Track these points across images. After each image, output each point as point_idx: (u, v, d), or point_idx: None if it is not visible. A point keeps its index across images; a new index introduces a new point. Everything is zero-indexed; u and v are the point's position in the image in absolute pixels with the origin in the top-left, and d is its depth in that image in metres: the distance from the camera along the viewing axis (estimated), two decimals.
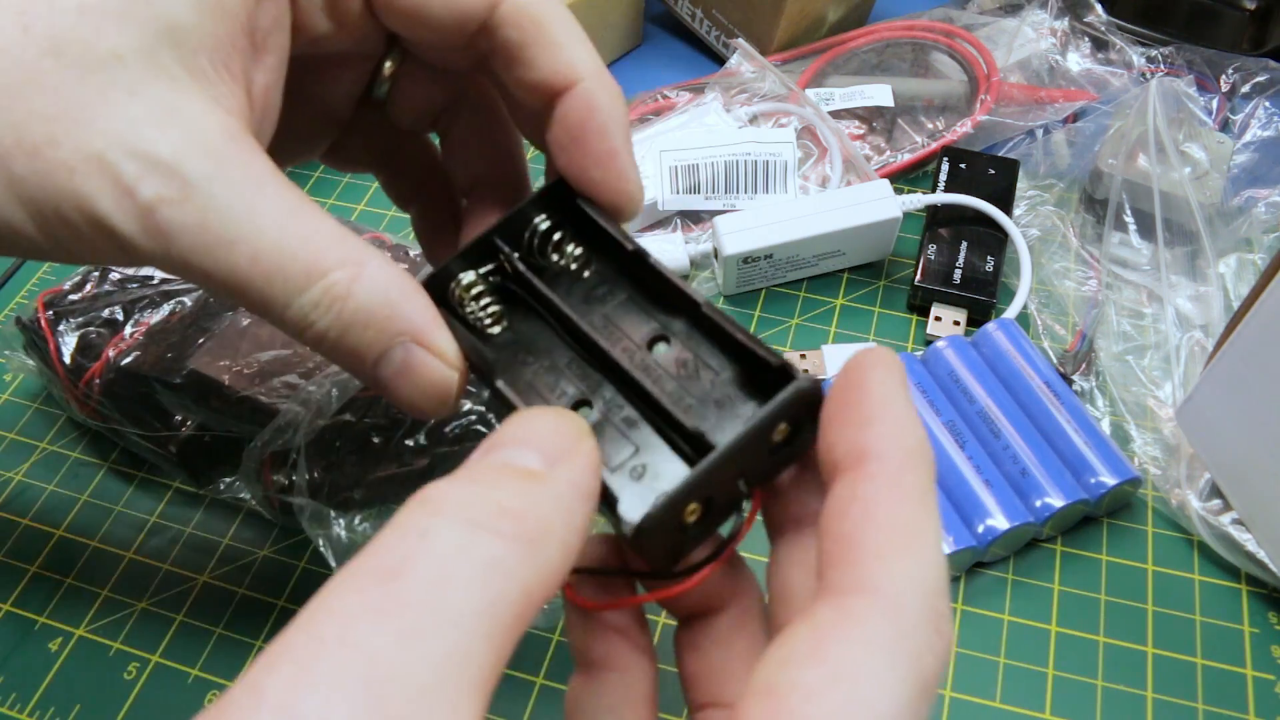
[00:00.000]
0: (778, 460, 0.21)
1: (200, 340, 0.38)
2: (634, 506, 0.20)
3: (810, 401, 0.20)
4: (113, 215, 0.19)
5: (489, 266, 0.24)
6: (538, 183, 0.26)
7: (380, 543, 0.15)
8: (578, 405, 0.23)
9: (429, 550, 0.15)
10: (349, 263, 0.21)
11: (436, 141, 0.29)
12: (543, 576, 0.16)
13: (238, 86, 0.21)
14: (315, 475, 0.36)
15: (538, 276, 0.24)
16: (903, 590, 0.16)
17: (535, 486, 0.17)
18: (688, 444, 0.22)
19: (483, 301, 0.25)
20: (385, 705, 0.13)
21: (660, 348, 0.24)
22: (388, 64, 0.26)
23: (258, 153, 0.21)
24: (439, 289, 0.24)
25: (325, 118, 0.28)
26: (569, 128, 0.23)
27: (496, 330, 0.25)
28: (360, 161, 0.30)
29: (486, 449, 0.18)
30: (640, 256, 0.24)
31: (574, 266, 0.25)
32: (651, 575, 0.22)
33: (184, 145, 0.20)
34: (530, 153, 0.30)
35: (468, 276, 0.24)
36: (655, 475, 0.22)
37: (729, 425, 0.22)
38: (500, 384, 0.23)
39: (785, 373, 0.21)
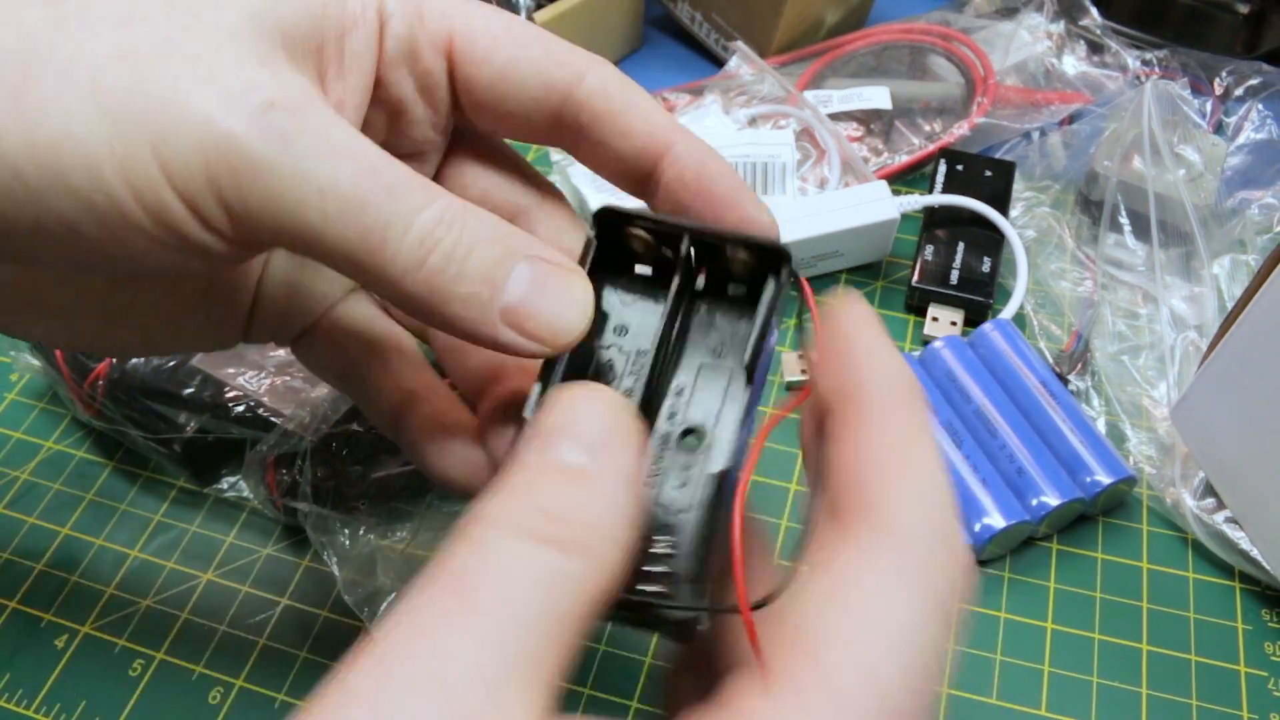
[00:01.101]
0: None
1: None
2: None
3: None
4: (221, 118, 0.19)
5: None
6: None
7: (450, 554, 0.16)
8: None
9: (494, 562, 0.16)
10: (453, 196, 0.21)
11: None
12: (599, 575, 0.17)
13: (318, 83, 0.22)
14: (319, 474, 0.36)
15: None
16: (909, 517, 0.17)
17: (583, 488, 0.17)
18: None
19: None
20: (461, 701, 0.15)
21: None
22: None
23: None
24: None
25: None
26: (688, 183, 0.24)
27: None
28: None
29: (531, 442, 0.18)
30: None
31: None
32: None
33: (283, 81, 0.20)
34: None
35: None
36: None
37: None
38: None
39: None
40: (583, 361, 0.23)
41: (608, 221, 0.23)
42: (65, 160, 0.18)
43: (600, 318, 0.24)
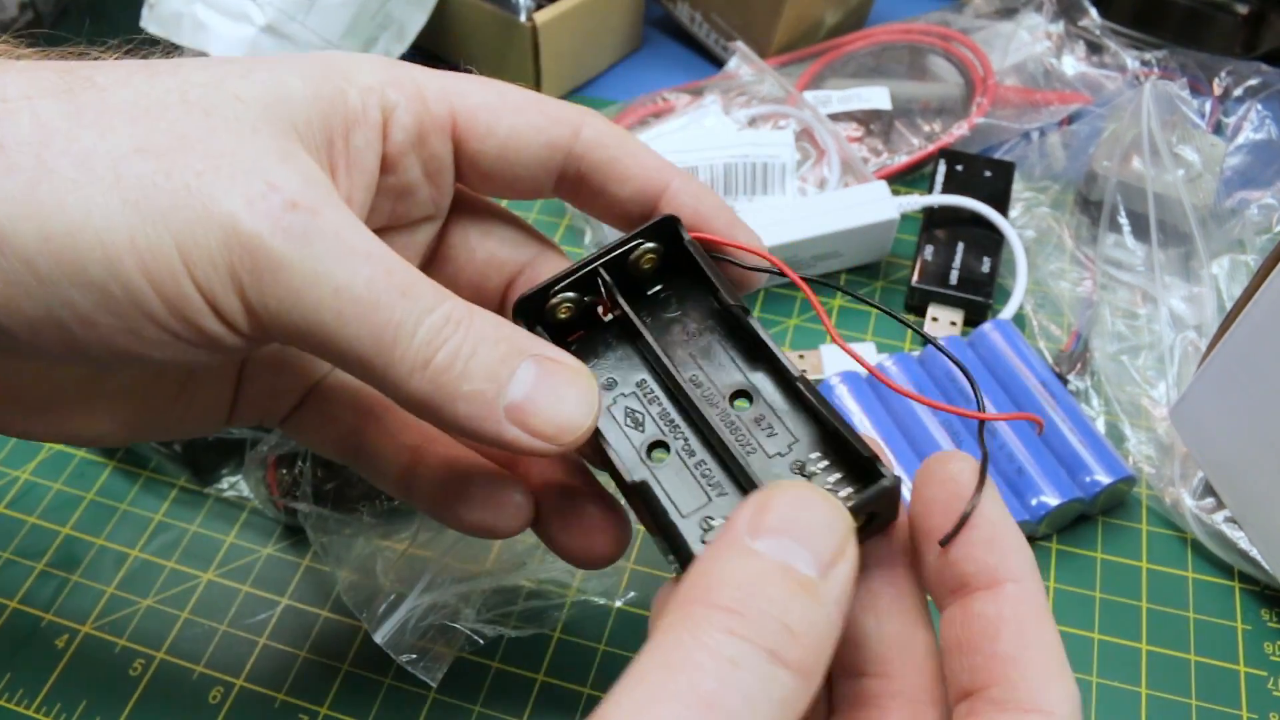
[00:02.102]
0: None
1: None
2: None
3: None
4: (246, 217, 0.19)
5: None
6: None
7: (690, 659, 0.16)
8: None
9: (739, 683, 0.16)
10: (458, 298, 0.21)
11: None
12: (809, 701, 0.17)
13: (330, 178, 0.22)
14: (319, 475, 0.37)
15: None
16: (1069, 710, 0.18)
17: (812, 605, 0.17)
18: None
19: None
20: None
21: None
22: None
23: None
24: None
25: None
26: (686, 219, 0.25)
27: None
28: None
29: (750, 529, 0.18)
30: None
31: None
32: None
33: (305, 179, 0.20)
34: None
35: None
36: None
37: None
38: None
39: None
40: (606, 422, 0.24)
41: (531, 308, 0.24)
42: (82, 251, 0.19)
43: (605, 375, 0.25)
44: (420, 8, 0.53)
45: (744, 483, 0.22)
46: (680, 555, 0.22)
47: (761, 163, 0.48)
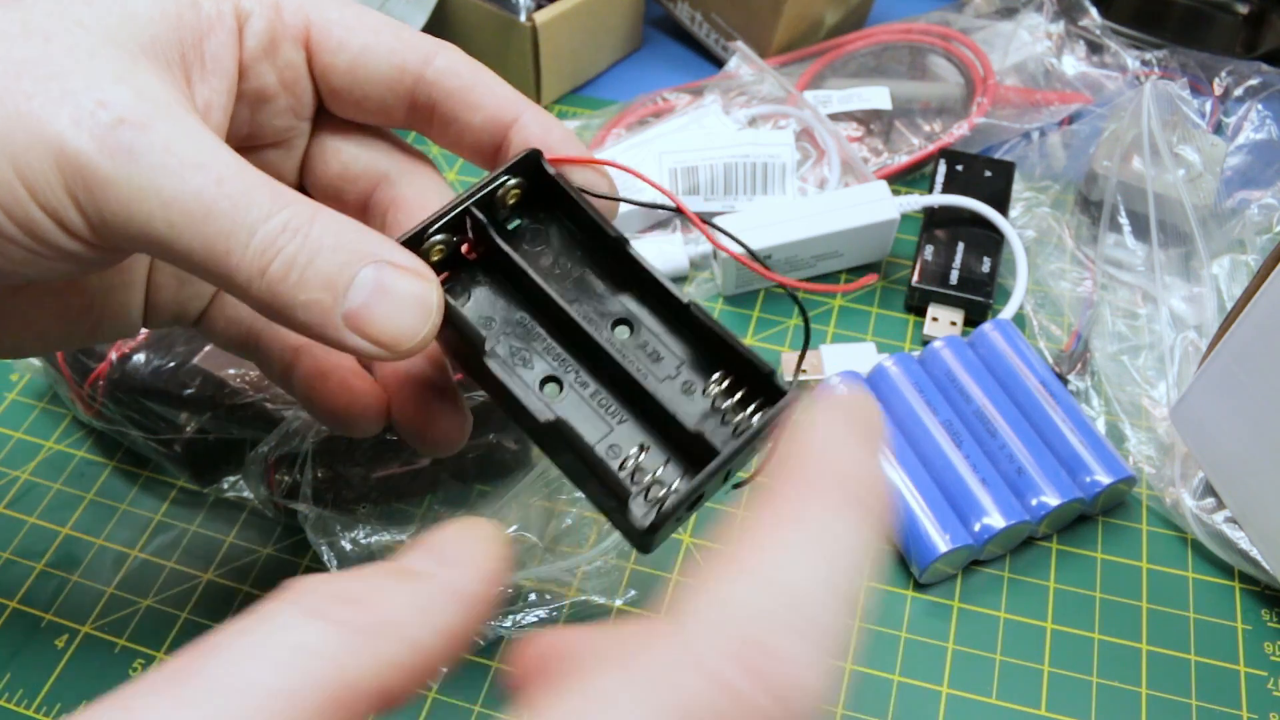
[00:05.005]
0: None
1: (206, 343, 0.38)
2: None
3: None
4: (72, 136, 0.20)
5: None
6: None
7: (226, 624, 0.15)
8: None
9: (253, 628, 0.15)
10: (305, 201, 0.21)
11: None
12: (373, 669, 0.15)
13: (184, 88, 0.23)
14: (319, 475, 0.36)
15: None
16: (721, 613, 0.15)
17: (399, 583, 0.16)
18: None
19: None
20: None
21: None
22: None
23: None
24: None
25: None
26: (535, 147, 0.25)
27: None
28: None
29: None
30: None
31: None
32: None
33: (139, 95, 0.21)
34: None
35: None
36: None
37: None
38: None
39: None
40: (483, 367, 0.23)
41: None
42: None
43: (487, 316, 0.25)
44: (420, 8, 0.53)
45: (643, 404, 0.23)
46: (608, 482, 0.22)
47: (761, 163, 0.48)
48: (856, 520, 0.16)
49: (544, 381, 0.24)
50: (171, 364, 0.39)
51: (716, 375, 0.24)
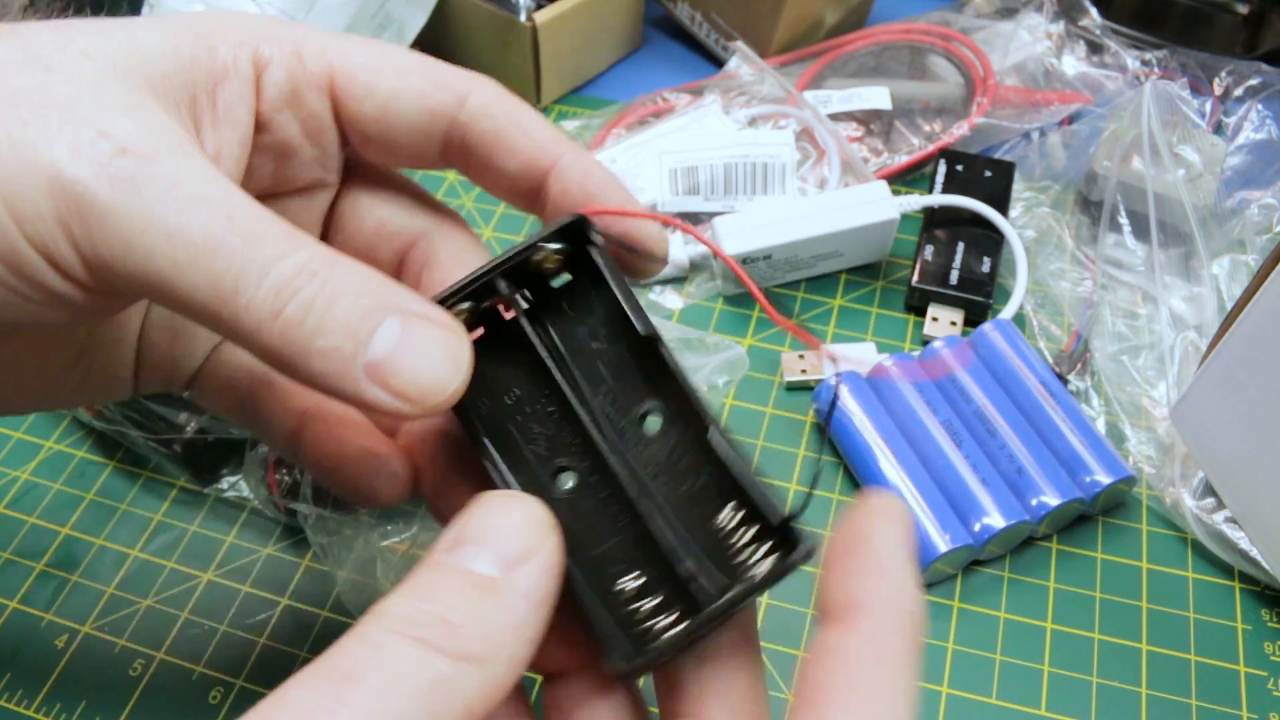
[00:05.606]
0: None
1: None
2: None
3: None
4: (68, 164, 0.18)
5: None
6: None
7: (340, 648, 0.16)
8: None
9: (380, 662, 0.16)
10: (324, 245, 0.20)
11: None
12: (486, 692, 0.17)
13: (193, 131, 0.21)
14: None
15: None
16: None
17: (487, 600, 0.17)
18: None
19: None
20: None
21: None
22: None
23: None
24: None
25: None
26: (574, 194, 0.24)
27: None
28: None
29: (447, 546, 0.18)
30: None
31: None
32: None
33: (144, 127, 0.19)
34: None
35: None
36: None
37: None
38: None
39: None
40: (505, 438, 0.22)
41: None
42: None
43: (496, 390, 0.23)
44: (420, 7, 0.53)
45: (645, 529, 0.21)
46: (591, 614, 0.20)
47: (761, 163, 0.48)
48: (913, 678, 0.18)
49: (557, 471, 0.22)
50: None
51: (730, 507, 0.21)
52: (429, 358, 0.19)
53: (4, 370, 0.25)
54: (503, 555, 0.18)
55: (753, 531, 0.21)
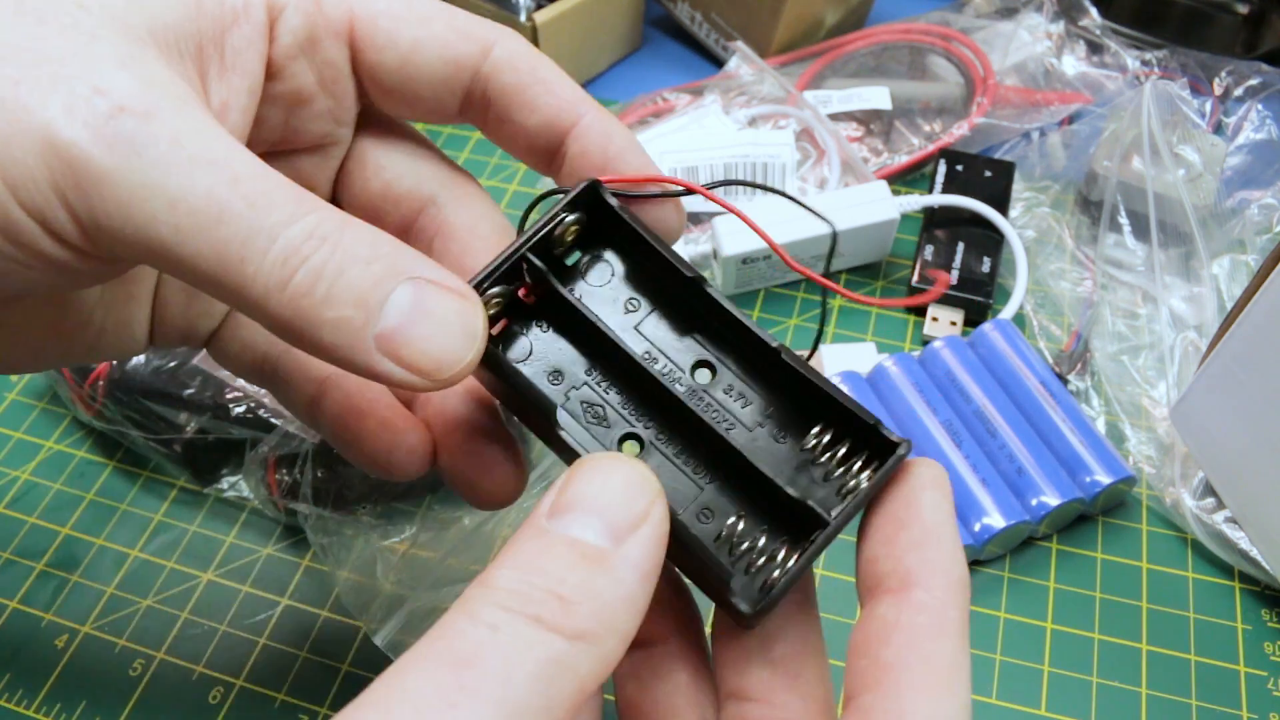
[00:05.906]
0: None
1: None
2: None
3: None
4: (63, 125, 0.17)
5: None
6: None
7: (451, 626, 0.16)
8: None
9: (497, 645, 0.16)
10: (333, 208, 0.19)
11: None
12: (600, 668, 0.16)
13: (197, 84, 0.20)
14: (319, 475, 0.37)
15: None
16: None
17: (598, 574, 0.17)
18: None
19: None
20: None
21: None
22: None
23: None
24: None
25: None
26: (592, 157, 0.23)
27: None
28: None
29: (550, 512, 0.18)
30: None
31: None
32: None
33: (143, 82, 0.18)
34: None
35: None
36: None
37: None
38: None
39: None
40: (556, 437, 0.22)
41: None
42: None
43: (553, 368, 0.23)
44: None
45: (732, 462, 0.21)
46: (705, 560, 0.20)
47: (761, 163, 0.48)
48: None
49: (623, 439, 0.22)
50: (171, 364, 0.39)
51: (816, 429, 0.21)
52: (442, 329, 0.19)
53: (15, 330, 0.24)
54: (611, 524, 0.17)
55: (844, 449, 0.21)
